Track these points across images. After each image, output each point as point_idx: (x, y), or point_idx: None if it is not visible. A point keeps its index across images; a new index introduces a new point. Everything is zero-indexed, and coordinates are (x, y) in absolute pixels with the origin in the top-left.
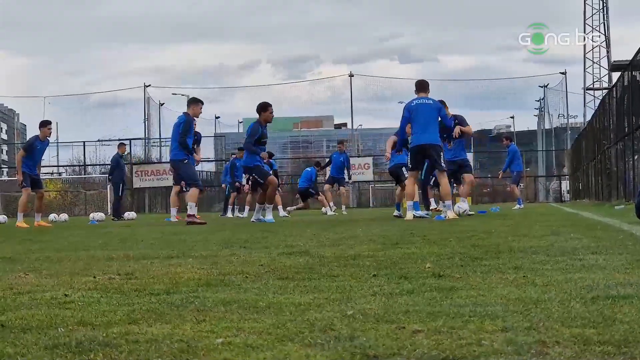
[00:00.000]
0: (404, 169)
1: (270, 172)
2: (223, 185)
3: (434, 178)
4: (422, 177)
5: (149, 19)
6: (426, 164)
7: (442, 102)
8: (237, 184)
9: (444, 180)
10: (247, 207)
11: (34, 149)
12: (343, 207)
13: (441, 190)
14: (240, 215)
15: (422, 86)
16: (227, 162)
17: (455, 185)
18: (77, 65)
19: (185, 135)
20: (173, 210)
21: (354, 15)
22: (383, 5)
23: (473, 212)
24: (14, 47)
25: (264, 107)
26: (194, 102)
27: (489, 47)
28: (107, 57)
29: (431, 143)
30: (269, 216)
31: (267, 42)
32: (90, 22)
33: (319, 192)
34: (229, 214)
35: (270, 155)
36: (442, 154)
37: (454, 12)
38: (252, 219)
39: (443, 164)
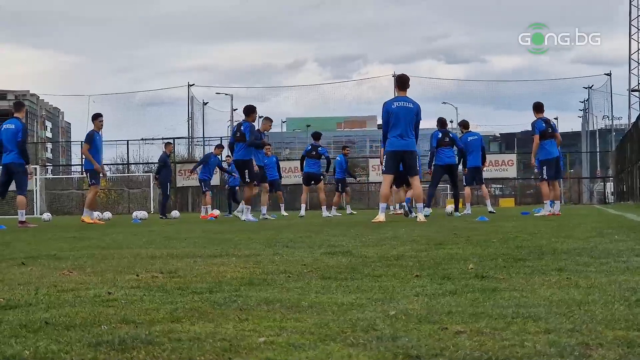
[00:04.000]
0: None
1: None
2: None
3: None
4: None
5: (198, 17)
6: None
7: (445, 121)
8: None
9: (417, 184)
10: (281, 205)
11: (93, 140)
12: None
13: (415, 193)
14: (285, 213)
15: (403, 83)
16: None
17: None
18: (124, 64)
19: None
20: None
21: (403, 15)
22: (432, 5)
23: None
24: (60, 46)
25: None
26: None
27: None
28: (153, 55)
29: (410, 150)
30: (247, 216)
31: (314, 41)
32: (138, 21)
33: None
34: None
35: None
36: (417, 158)
37: (503, 12)
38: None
39: (417, 169)
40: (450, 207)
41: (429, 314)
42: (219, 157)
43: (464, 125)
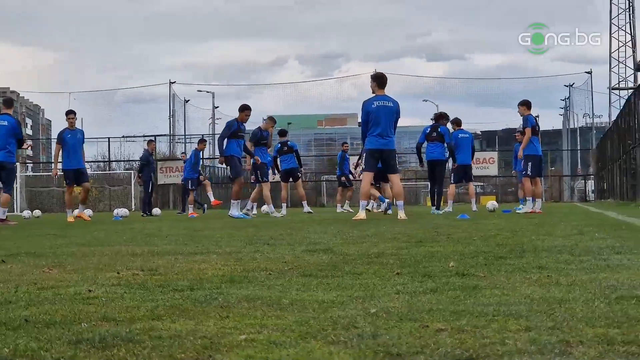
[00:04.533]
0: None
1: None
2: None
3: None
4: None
5: (181, 15)
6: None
7: (441, 115)
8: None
9: (397, 182)
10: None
11: (63, 139)
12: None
13: (394, 191)
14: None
15: (382, 82)
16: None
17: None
18: (106, 62)
19: None
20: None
21: (385, 13)
22: (414, 3)
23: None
24: (41, 43)
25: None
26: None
27: (517, 45)
28: (136, 53)
29: (390, 149)
30: (235, 211)
31: (296, 39)
32: (121, 19)
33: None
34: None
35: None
36: (396, 157)
37: (484, 10)
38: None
39: (397, 167)
40: (491, 204)
41: (410, 312)
42: (202, 152)
43: (457, 122)
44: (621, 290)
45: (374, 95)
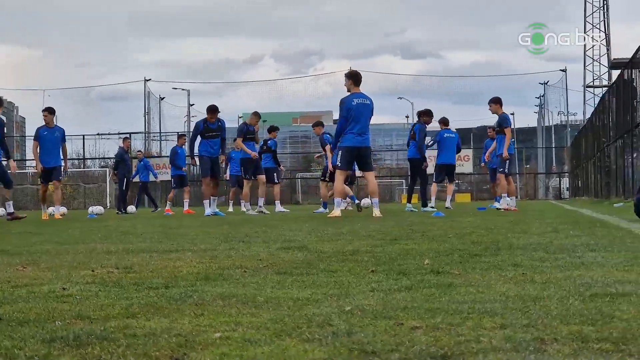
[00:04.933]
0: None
1: (208, 173)
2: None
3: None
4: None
5: (156, 12)
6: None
7: (422, 112)
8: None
9: (372, 179)
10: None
11: (39, 137)
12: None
13: (370, 188)
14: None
15: (358, 80)
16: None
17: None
18: (82, 59)
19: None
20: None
21: (360, 10)
22: (391, 1)
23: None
24: (14, 39)
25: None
26: None
27: (492, 43)
28: (112, 50)
29: (366, 146)
30: (207, 210)
31: (271, 36)
32: (97, 15)
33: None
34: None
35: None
36: (371, 154)
37: (459, 8)
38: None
39: (372, 165)
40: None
41: (385, 310)
42: (184, 147)
43: (443, 122)
44: (595, 288)
45: (352, 92)
